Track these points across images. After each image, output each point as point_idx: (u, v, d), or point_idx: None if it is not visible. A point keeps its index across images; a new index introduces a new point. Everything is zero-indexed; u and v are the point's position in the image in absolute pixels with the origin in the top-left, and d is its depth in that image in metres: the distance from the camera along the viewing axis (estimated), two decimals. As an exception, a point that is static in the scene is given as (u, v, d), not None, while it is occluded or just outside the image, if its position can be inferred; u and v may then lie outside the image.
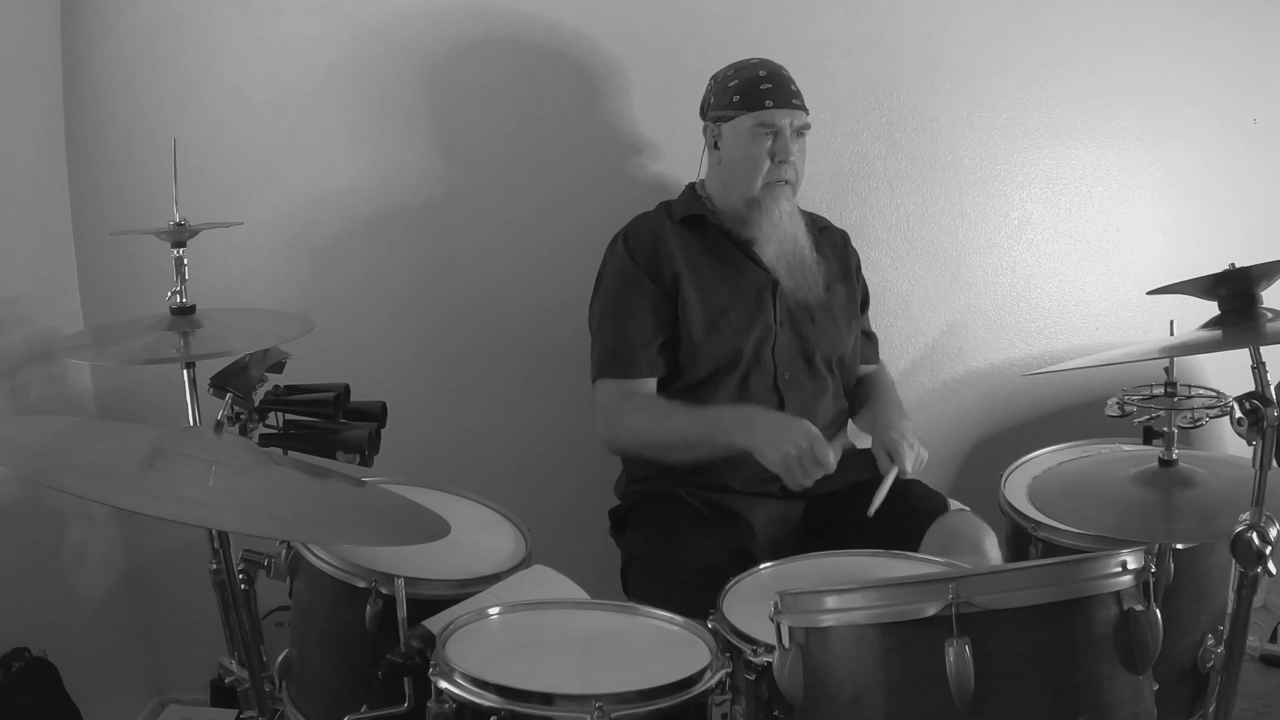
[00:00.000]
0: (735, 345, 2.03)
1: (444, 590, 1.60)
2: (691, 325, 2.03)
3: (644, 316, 2.03)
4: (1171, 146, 2.44)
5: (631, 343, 2.03)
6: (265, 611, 2.05)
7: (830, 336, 2.10)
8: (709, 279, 2.06)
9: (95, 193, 2.38)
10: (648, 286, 2.05)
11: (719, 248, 2.10)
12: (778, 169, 2.03)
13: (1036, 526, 1.79)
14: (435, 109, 2.38)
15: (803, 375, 2.07)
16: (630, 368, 2.03)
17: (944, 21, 2.39)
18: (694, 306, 2.03)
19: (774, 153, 2.02)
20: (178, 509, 1.26)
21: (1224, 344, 1.42)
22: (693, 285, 2.05)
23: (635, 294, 2.05)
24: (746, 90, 2.03)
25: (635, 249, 2.08)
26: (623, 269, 2.08)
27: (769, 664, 1.35)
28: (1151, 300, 1.48)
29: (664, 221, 2.12)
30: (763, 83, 2.03)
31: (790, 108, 2.03)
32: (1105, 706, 1.19)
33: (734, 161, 2.06)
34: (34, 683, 2.03)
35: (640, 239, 2.10)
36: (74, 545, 2.32)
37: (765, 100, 2.01)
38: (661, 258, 2.06)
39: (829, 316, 2.11)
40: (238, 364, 1.71)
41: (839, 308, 2.14)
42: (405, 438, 1.94)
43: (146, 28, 2.34)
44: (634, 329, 2.03)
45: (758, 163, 2.03)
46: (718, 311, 2.04)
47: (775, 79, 2.04)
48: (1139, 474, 1.57)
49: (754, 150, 2.03)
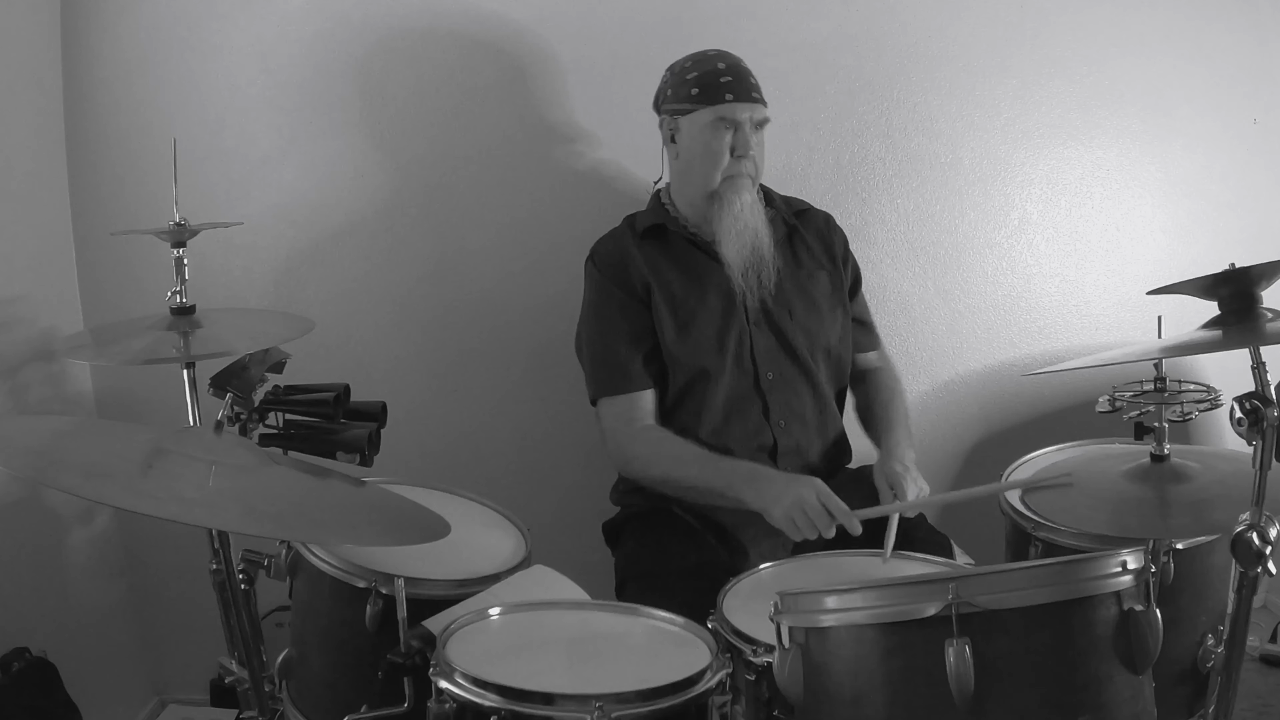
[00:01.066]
0: (707, 352, 2.01)
1: (444, 590, 1.60)
2: (665, 336, 2.02)
3: (624, 330, 2.02)
4: (1171, 146, 2.44)
5: (620, 357, 2.02)
6: (265, 611, 2.05)
7: (810, 328, 2.06)
8: (676, 288, 2.04)
9: (95, 193, 2.39)
10: (623, 300, 2.03)
11: (683, 255, 2.07)
12: (737, 163, 2.00)
13: (1036, 526, 1.79)
14: (435, 109, 2.38)
15: (787, 372, 2.04)
16: (625, 382, 2.02)
17: (944, 21, 2.39)
18: (665, 317, 2.02)
19: (734, 146, 1.99)
20: (178, 509, 1.26)
21: (1224, 344, 1.42)
22: (662, 296, 2.03)
23: (611, 309, 2.04)
24: (705, 83, 2.00)
25: (604, 266, 2.07)
26: (597, 288, 2.07)
27: (769, 664, 1.35)
28: (1151, 300, 1.48)
29: (627, 235, 2.10)
30: (722, 75, 1.99)
31: (750, 101, 1.99)
32: (1105, 706, 1.19)
33: (692, 155, 2.03)
34: (34, 683, 2.03)
35: (607, 256, 2.08)
36: (74, 545, 2.32)
37: (725, 94, 1.98)
38: (630, 271, 2.04)
39: (810, 306, 2.07)
40: (238, 364, 1.71)
41: (821, 296, 2.09)
42: (405, 438, 1.94)
43: (146, 28, 2.34)
44: (618, 343, 2.02)
45: (717, 156, 2.00)
46: (687, 319, 2.02)
47: (734, 72, 2.00)
48: (1131, 470, 1.57)
49: (713, 144, 1.99)
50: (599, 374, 2.05)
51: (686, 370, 2.01)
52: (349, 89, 2.37)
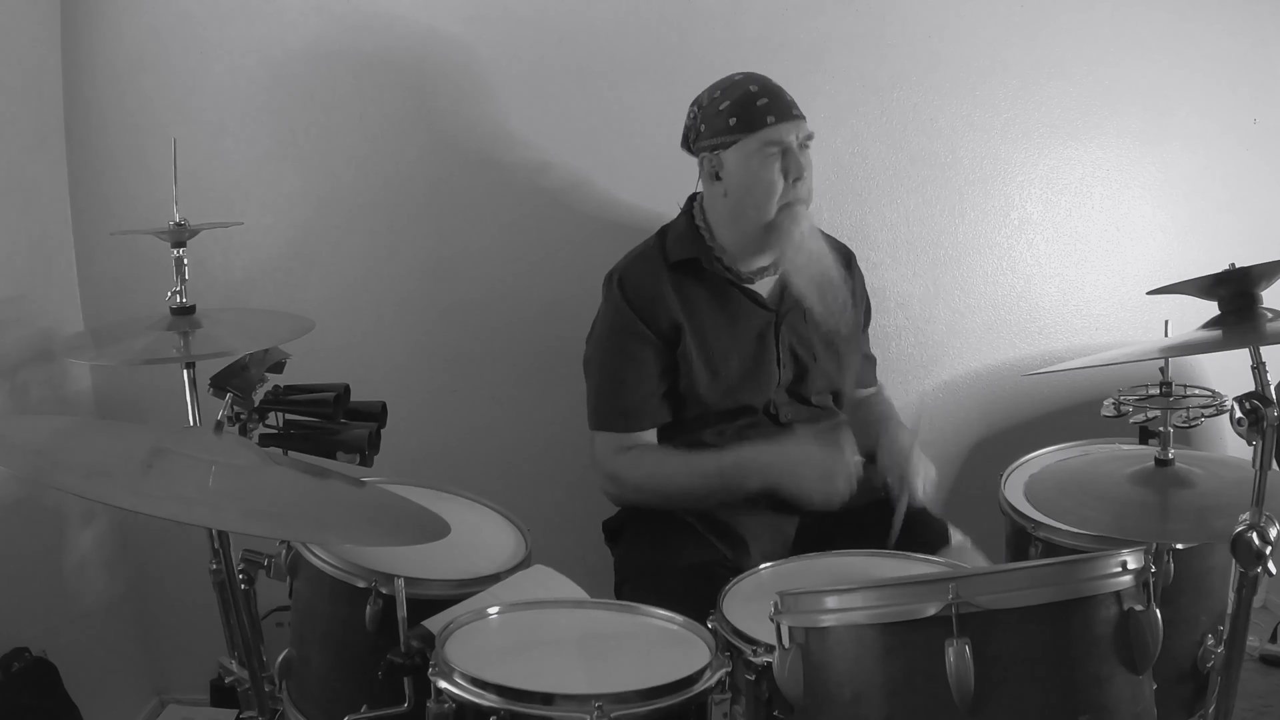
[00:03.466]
0: (740, 396, 1.98)
1: (444, 590, 1.60)
2: (694, 377, 1.96)
3: (644, 369, 1.96)
4: (1171, 146, 2.44)
5: (631, 396, 1.97)
6: (265, 611, 2.05)
7: (829, 372, 2.05)
8: (709, 329, 1.97)
9: (95, 193, 2.39)
10: (647, 336, 1.95)
11: (718, 292, 1.99)
12: (793, 189, 1.90)
13: (1036, 526, 1.79)
14: (435, 109, 2.38)
15: (804, 413, 2.03)
16: (630, 421, 1.98)
17: (944, 21, 2.38)
18: (694, 358, 1.95)
19: (787, 170, 1.89)
20: (178, 509, 1.26)
21: (1224, 344, 1.41)
22: (693, 336, 1.96)
23: (633, 343, 1.96)
24: (743, 110, 1.90)
25: (633, 298, 1.97)
26: (620, 317, 1.98)
27: (769, 664, 1.35)
28: (1151, 300, 1.48)
29: (660, 266, 1.99)
30: (758, 99, 1.90)
31: (793, 119, 1.90)
32: (1105, 706, 1.19)
33: (743, 189, 1.92)
34: (34, 683, 2.03)
35: (637, 287, 1.98)
36: (74, 545, 2.32)
37: (767, 117, 1.88)
38: (659, 309, 1.96)
39: (830, 351, 2.04)
40: (238, 364, 1.71)
41: (841, 340, 2.05)
42: (405, 438, 1.94)
43: (146, 28, 2.34)
44: (633, 381, 1.97)
45: (771, 186, 1.90)
46: (720, 362, 1.97)
47: (769, 93, 1.91)
48: (1135, 473, 1.57)
49: (765, 173, 1.89)
50: (602, 408, 2.01)
51: (715, 412, 1.98)
52: (349, 89, 2.37)
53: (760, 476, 1.86)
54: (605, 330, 2.01)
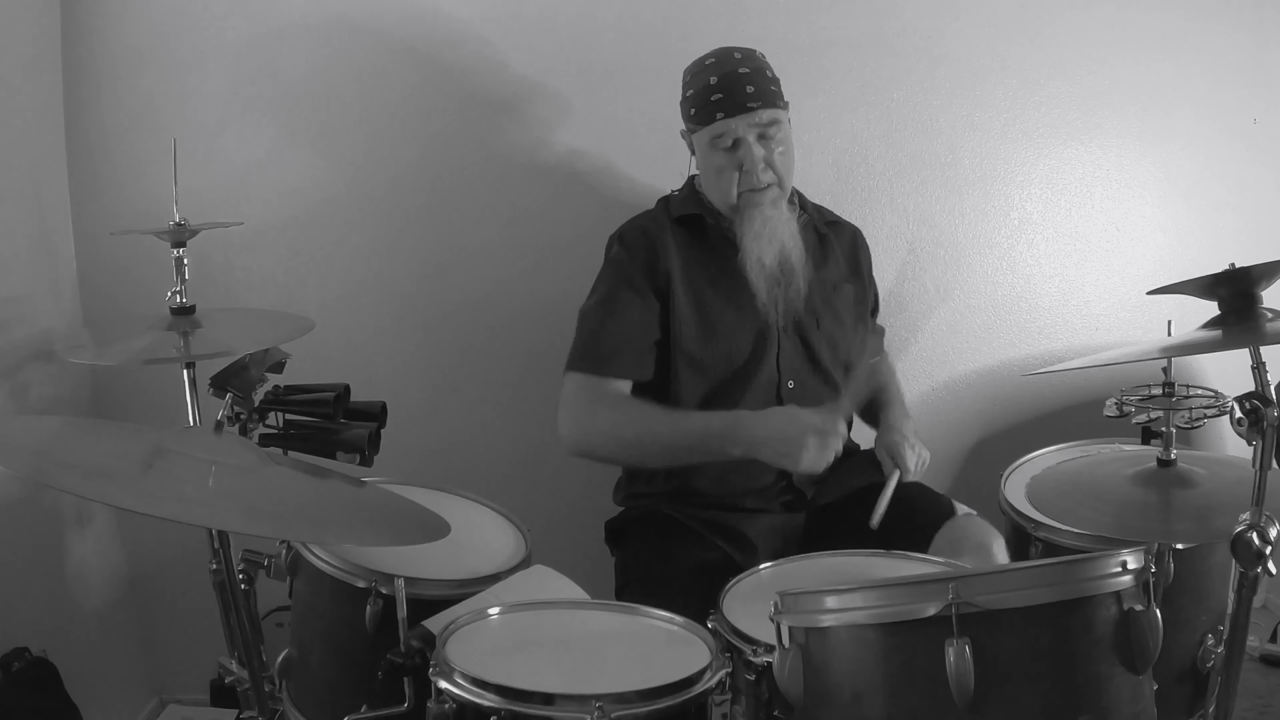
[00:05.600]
0: (733, 353, 1.95)
1: (444, 590, 1.60)
2: (683, 336, 1.95)
3: (631, 315, 1.94)
4: (1171, 146, 2.44)
5: (613, 338, 1.93)
6: (265, 611, 2.05)
7: (835, 339, 2.03)
8: (704, 288, 1.97)
9: (95, 193, 2.38)
10: (641, 283, 1.95)
11: (717, 249, 1.99)
12: (748, 178, 1.91)
13: (1036, 526, 1.79)
14: (435, 109, 2.38)
15: (809, 382, 2.00)
16: (606, 364, 1.92)
17: (944, 21, 2.38)
18: (687, 317, 1.95)
19: (740, 162, 1.91)
20: (178, 509, 1.26)
21: (1224, 344, 1.42)
22: (687, 294, 1.95)
23: (626, 289, 1.95)
24: (698, 101, 1.93)
25: (631, 246, 1.99)
26: (617, 264, 1.99)
27: (769, 664, 1.35)
28: (1151, 300, 1.48)
29: (662, 220, 2.03)
30: (713, 92, 1.90)
31: (746, 112, 1.88)
32: (1105, 706, 1.19)
33: (706, 174, 1.98)
34: (34, 683, 2.03)
35: (636, 236, 2.01)
36: (74, 545, 2.32)
37: (716, 113, 1.89)
38: (658, 257, 1.96)
39: (835, 319, 2.04)
40: (238, 364, 1.71)
41: (845, 309, 2.06)
42: (405, 438, 1.94)
43: (146, 28, 2.34)
44: (619, 325, 1.93)
45: (722, 175, 1.93)
46: (714, 323, 1.95)
47: (725, 83, 1.90)
48: (1137, 474, 1.57)
49: (719, 162, 1.93)
50: (582, 348, 1.95)
51: (708, 370, 1.95)
52: (349, 89, 2.37)
53: (748, 445, 1.81)
54: (600, 279, 2.02)
